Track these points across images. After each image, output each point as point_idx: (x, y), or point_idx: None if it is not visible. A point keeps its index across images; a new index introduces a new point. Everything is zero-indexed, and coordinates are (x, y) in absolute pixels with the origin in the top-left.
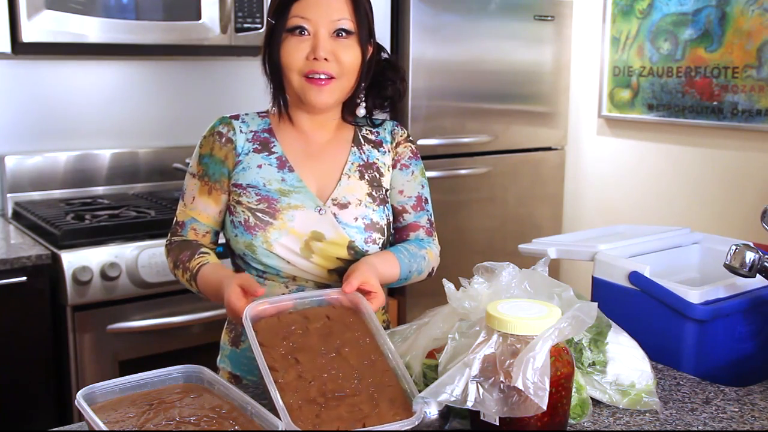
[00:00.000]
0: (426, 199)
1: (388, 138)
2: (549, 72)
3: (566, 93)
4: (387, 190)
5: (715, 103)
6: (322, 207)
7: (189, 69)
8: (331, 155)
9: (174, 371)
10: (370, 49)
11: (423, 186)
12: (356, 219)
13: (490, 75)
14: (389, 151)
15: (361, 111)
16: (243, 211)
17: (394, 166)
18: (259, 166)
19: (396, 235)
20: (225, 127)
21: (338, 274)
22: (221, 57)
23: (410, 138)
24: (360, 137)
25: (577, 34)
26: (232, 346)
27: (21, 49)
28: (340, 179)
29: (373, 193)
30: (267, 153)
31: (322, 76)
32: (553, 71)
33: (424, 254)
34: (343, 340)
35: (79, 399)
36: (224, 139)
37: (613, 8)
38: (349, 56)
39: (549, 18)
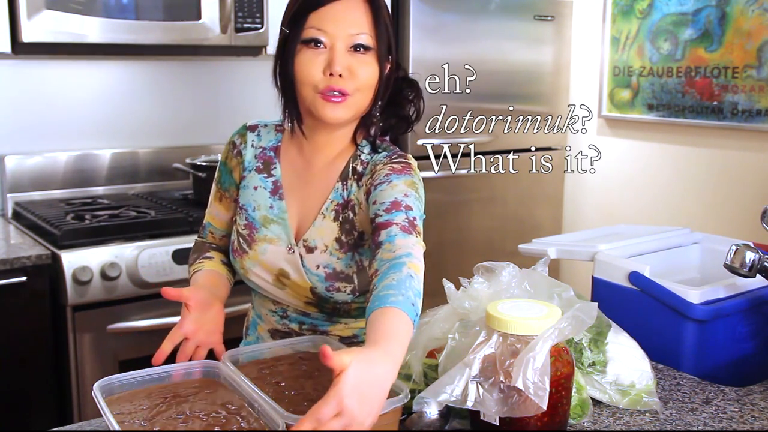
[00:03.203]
0: (406, 205)
1: (368, 170)
2: (549, 72)
3: (566, 93)
4: (361, 233)
5: (715, 103)
6: (293, 246)
7: (189, 69)
8: (319, 186)
9: (192, 366)
10: (388, 66)
11: (406, 195)
12: (318, 267)
13: (490, 75)
14: (363, 185)
15: (373, 129)
16: (235, 230)
17: (367, 193)
18: (255, 188)
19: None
20: (240, 138)
21: (314, 305)
22: (221, 57)
23: (398, 160)
24: (350, 168)
25: (577, 34)
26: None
27: (21, 49)
28: (315, 218)
29: (342, 238)
30: (266, 175)
31: (336, 93)
32: (553, 71)
33: (408, 273)
34: (317, 367)
35: (95, 390)
36: (236, 150)
37: (613, 8)
38: (367, 72)
39: (549, 18)
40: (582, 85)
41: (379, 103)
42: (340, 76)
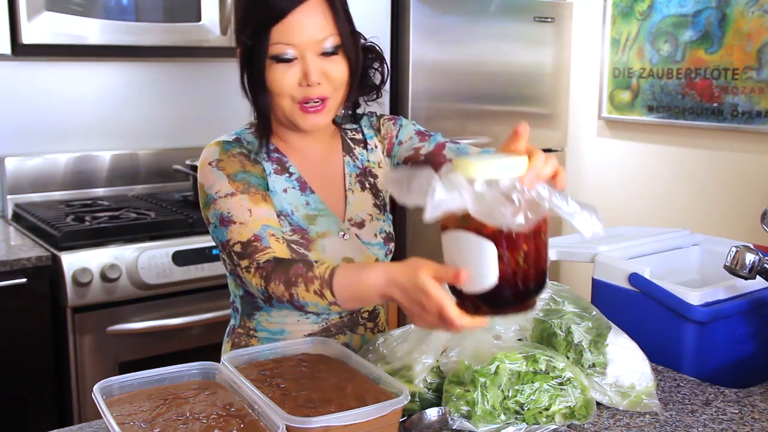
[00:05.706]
0: (427, 131)
1: (371, 133)
2: (549, 73)
3: (566, 94)
4: (384, 193)
5: (715, 104)
6: (344, 231)
7: (189, 70)
8: (331, 169)
9: (192, 367)
10: (356, 50)
11: (415, 124)
12: (375, 235)
13: (490, 77)
14: (376, 147)
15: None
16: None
17: (389, 150)
18: (285, 191)
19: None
20: (241, 149)
21: None
22: (221, 58)
23: (384, 115)
24: (348, 142)
25: (577, 35)
26: None
27: (21, 50)
28: (346, 196)
29: (376, 201)
30: (287, 175)
31: (317, 101)
32: (553, 73)
33: None
34: (318, 368)
35: (96, 392)
36: (252, 159)
37: (613, 10)
38: (341, 71)
39: (549, 19)
40: (582, 86)
41: (354, 86)
42: (318, 83)
